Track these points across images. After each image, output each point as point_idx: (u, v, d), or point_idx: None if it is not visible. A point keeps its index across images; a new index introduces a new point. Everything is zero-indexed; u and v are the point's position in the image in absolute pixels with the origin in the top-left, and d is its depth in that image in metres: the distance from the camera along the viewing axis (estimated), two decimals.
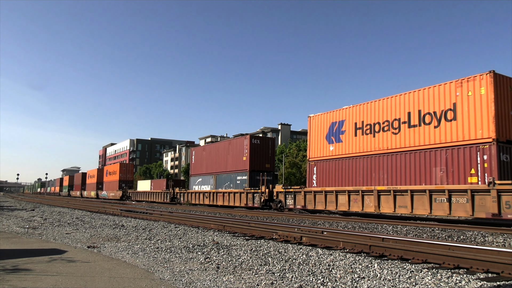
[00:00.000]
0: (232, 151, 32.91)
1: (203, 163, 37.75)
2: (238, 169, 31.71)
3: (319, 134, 23.86)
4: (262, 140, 32.07)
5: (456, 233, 12.22)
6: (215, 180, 34.96)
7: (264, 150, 31.75)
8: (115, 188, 60.45)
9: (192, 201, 37.40)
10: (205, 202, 34.78)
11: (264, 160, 31.60)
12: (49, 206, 33.22)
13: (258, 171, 30.63)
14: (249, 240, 10.38)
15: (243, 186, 30.34)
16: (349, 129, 21.93)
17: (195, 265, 7.21)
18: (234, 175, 32.12)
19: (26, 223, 16.41)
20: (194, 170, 39.50)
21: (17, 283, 5.63)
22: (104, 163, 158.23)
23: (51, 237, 11.48)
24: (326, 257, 7.70)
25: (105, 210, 23.84)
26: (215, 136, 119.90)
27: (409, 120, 18.91)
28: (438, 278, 5.82)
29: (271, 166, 32.02)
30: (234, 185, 31.95)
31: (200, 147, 40.72)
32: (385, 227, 14.20)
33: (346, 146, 21.89)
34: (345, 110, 22.40)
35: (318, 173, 23.27)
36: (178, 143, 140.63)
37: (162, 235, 11.61)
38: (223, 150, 34.37)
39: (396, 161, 19.07)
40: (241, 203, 29.43)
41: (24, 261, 7.38)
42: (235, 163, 32.20)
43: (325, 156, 23.09)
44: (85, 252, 8.67)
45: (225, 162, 33.72)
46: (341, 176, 21.80)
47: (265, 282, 5.77)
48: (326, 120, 23.46)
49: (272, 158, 32.51)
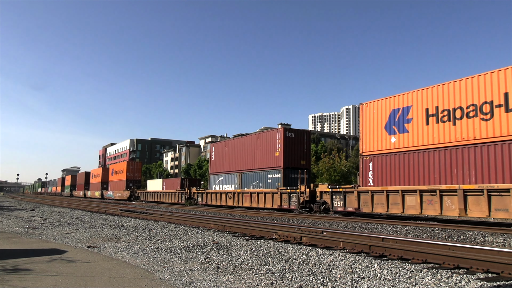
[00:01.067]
0: (261, 146, 29.16)
1: (225, 160, 33.93)
2: (269, 166, 28.13)
3: (375, 124, 20.33)
4: (297, 133, 28.18)
5: (456, 233, 12.21)
6: (240, 178, 31.21)
7: (299, 145, 27.98)
8: (121, 188, 57.33)
9: (211, 202, 34.18)
10: (228, 203, 31.47)
11: (299, 155, 27.85)
12: (49, 206, 33.21)
13: (292, 168, 27.06)
14: (249, 240, 10.38)
15: (276, 185, 26.86)
16: (418, 116, 18.29)
17: (195, 265, 7.20)
18: (264, 173, 28.45)
19: (26, 223, 16.40)
20: (214, 168, 35.68)
21: (17, 283, 5.63)
22: (104, 163, 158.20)
23: (51, 237, 11.48)
24: (326, 257, 7.70)
25: (105, 210, 23.83)
26: (215, 136, 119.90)
27: (506, 103, 15.42)
28: (438, 278, 5.82)
29: (307, 163, 28.17)
30: (264, 184, 28.26)
31: (221, 142, 36.40)
32: (385, 227, 14.20)
33: (414, 137, 18.32)
34: (411, 94, 18.82)
35: (376, 170, 19.81)
36: (178, 143, 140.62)
37: (162, 235, 11.61)
38: (250, 145, 30.55)
39: (488, 154, 15.68)
40: (274, 204, 26.17)
41: (24, 261, 7.37)
42: (265, 160, 28.59)
43: (384, 149, 19.62)
44: (85, 252, 8.67)
45: (252, 159, 30.03)
46: (407, 173, 18.31)
47: (265, 282, 5.77)
48: (385, 107, 19.89)
49: (308, 153, 28.57)
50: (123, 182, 57.16)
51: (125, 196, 54.57)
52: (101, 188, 66.16)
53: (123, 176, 57.60)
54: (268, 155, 28.25)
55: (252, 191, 28.95)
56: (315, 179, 58.49)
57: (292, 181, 26.52)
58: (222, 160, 34.48)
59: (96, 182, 69.99)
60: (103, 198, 63.87)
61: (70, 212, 23.34)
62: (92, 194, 70.82)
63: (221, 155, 34.83)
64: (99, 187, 67.30)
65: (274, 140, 27.91)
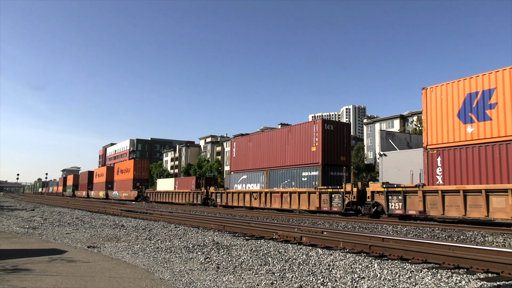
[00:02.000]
0: (293, 140, 25.96)
1: (248, 157, 30.55)
2: (303, 162, 24.94)
3: (444, 112, 17.23)
4: (336, 126, 25.01)
5: (456, 233, 12.21)
6: (267, 177, 27.95)
7: (339, 138, 24.89)
8: (128, 188, 53.69)
9: (232, 202, 30.75)
10: (253, 205, 28.06)
11: (339, 151, 24.70)
12: (49, 206, 33.21)
13: (332, 165, 24.09)
14: (249, 240, 10.38)
15: (313, 184, 23.85)
16: (506, 100, 15.20)
17: (195, 265, 7.20)
18: (298, 171, 25.28)
19: (26, 223, 16.40)
20: (236, 166, 32.21)
21: (17, 283, 5.63)
22: (104, 163, 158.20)
23: (51, 237, 11.48)
24: (326, 257, 7.70)
25: (105, 210, 23.83)
26: (215, 136, 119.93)
27: None
28: (438, 278, 5.82)
29: (347, 159, 25.04)
30: (297, 183, 25.17)
31: (244, 137, 32.93)
32: (385, 227, 14.20)
33: (501, 125, 15.28)
34: (495, 75, 15.78)
35: (446, 166, 16.76)
36: (178, 143, 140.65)
37: (162, 235, 11.61)
38: (280, 140, 27.32)
39: None
40: (310, 205, 23.05)
41: (24, 261, 7.37)
42: (299, 156, 25.40)
43: (457, 141, 16.58)
44: (85, 252, 8.67)
45: (282, 155, 26.82)
46: (492, 168, 15.25)
47: (265, 282, 5.77)
48: (458, 91, 16.84)
49: (348, 148, 25.41)
50: (130, 181, 53.78)
51: (132, 196, 51.36)
52: (106, 188, 62.97)
53: (130, 175, 54.13)
54: (303, 151, 25.10)
55: (283, 190, 25.58)
56: None
57: (332, 179, 23.84)
58: (245, 156, 31.08)
59: (100, 181, 66.81)
60: (108, 198, 60.81)
61: (70, 212, 23.34)
62: (96, 194, 67.79)
63: (243, 151, 31.35)
64: (103, 187, 64.03)
65: (310, 134, 24.74)
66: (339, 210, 21.29)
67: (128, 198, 52.33)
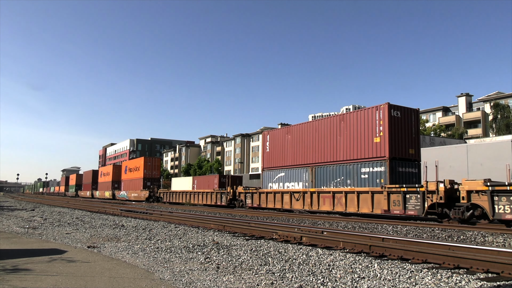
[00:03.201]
0: (348, 130, 22.18)
1: (287, 151, 26.68)
2: (363, 156, 21.10)
3: None
4: (403, 112, 20.83)
5: (456, 233, 12.22)
6: (312, 174, 24.02)
7: (407, 127, 20.94)
8: (138, 188, 49.51)
9: (266, 204, 26.66)
10: (295, 207, 24.16)
11: (408, 142, 20.78)
12: (49, 206, 33.22)
13: (400, 159, 20.25)
14: (249, 240, 10.38)
15: (376, 183, 20.02)
16: None
17: (195, 265, 7.21)
18: (355, 167, 21.44)
19: (26, 223, 16.40)
20: (270, 162, 28.11)
21: (17, 283, 5.63)
22: (104, 163, 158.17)
23: (51, 237, 11.48)
24: (326, 257, 7.70)
25: (105, 210, 23.84)
26: (215, 136, 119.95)
27: None
28: (438, 278, 5.82)
29: (416, 153, 20.90)
30: (354, 181, 21.28)
31: (280, 129, 28.55)
32: (385, 227, 14.20)
33: None
34: None
35: None
36: (178, 143, 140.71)
37: (162, 235, 11.61)
38: (328, 130, 23.52)
39: None
40: (375, 208, 19.24)
41: (24, 261, 7.37)
42: (356, 149, 21.55)
43: None
44: (85, 252, 8.67)
45: (333, 148, 22.97)
46: None
47: (265, 282, 5.77)
48: None
49: (417, 140, 21.29)
50: (140, 180, 49.46)
51: (143, 196, 47.16)
52: (112, 187, 59.00)
53: (140, 174, 49.86)
54: (362, 142, 21.24)
55: (335, 190, 21.74)
56: None
57: (401, 176, 20.07)
58: (282, 151, 27.10)
59: (105, 181, 62.80)
60: (115, 199, 56.88)
61: (70, 212, 23.34)
62: (102, 194, 63.52)
63: (280, 145, 27.39)
64: (109, 187, 60.00)
65: (371, 122, 20.89)
66: (417, 213, 17.29)
67: (138, 199, 48.46)
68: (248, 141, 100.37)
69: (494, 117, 58.10)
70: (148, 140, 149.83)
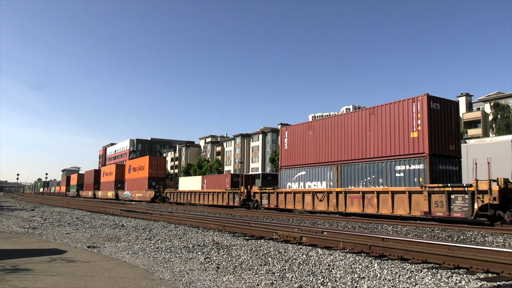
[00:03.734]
0: (379, 125, 20.32)
1: (307, 148, 24.73)
2: (397, 153, 19.19)
3: None
4: (442, 104, 18.95)
5: (456, 233, 12.22)
6: (338, 173, 22.21)
7: (447, 121, 19.05)
8: (143, 188, 47.99)
9: (285, 205, 24.83)
10: (318, 208, 22.46)
11: (447, 137, 18.90)
12: (49, 206, 33.22)
13: (440, 156, 18.36)
14: (249, 240, 10.38)
15: (413, 182, 18.13)
16: None
17: (195, 265, 7.20)
18: (388, 164, 19.52)
19: (26, 223, 16.40)
20: (289, 160, 26.18)
21: (17, 283, 5.63)
22: (104, 163, 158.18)
23: (51, 237, 11.48)
24: (326, 257, 7.70)
25: (105, 210, 23.84)
26: (215, 136, 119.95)
27: None
28: (438, 278, 5.82)
29: (456, 149, 19.19)
30: (387, 180, 19.38)
31: (301, 124, 26.10)
32: (385, 227, 14.20)
33: None
34: None
35: None
36: (178, 143, 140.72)
37: (162, 235, 11.61)
38: (356, 125, 21.66)
39: None
40: (413, 210, 17.48)
41: (24, 261, 7.37)
42: (389, 145, 19.63)
43: None
44: (85, 252, 8.67)
45: (361, 144, 21.14)
46: None
47: (265, 282, 5.77)
48: None
49: (456, 135, 19.45)
50: (145, 180, 47.78)
51: (148, 197, 45.47)
52: (115, 187, 57.46)
53: (145, 173, 48.20)
54: (396, 138, 19.42)
55: (365, 190, 19.95)
56: None
57: (441, 175, 18.18)
58: (302, 148, 25.16)
59: (108, 180, 61.06)
60: (118, 199, 55.21)
61: (70, 212, 23.34)
62: (104, 194, 61.72)
63: (300, 142, 25.49)
64: (112, 187, 58.35)
65: (406, 115, 19.03)
66: (465, 216, 15.62)
67: (143, 199, 46.82)
68: (248, 141, 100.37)
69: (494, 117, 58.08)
70: (148, 140, 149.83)
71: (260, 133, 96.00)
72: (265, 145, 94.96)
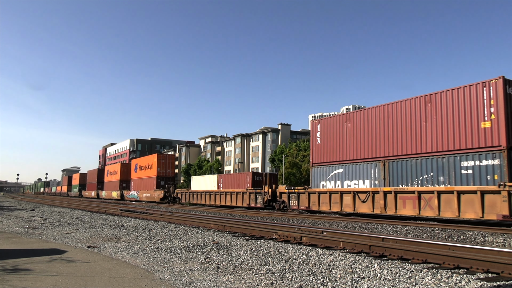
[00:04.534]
0: (439, 113, 17.72)
1: (345, 143, 22.25)
2: (464, 147, 16.71)
3: None
4: None
5: (456, 233, 12.22)
6: (384, 170, 19.64)
7: None
8: (150, 187, 45.77)
9: (319, 206, 22.33)
10: (360, 210, 20.01)
11: None
12: (49, 206, 33.22)
13: None
14: (249, 240, 10.38)
15: (486, 180, 15.66)
16: None
17: (195, 265, 7.20)
18: (451, 160, 16.98)
19: (26, 223, 16.40)
20: (323, 156, 23.58)
21: (17, 283, 5.63)
22: (104, 163, 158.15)
23: (51, 237, 11.48)
24: (326, 257, 7.70)
25: (105, 210, 23.85)
26: (215, 136, 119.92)
27: None
28: (438, 278, 5.82)
29: None
30: (450, 178, 16.88)
31: (336, 116, 23.64)
32: (385, 227, 14.20)
33: None
34: None
35: None
36: (178, 143, 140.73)
37: (162, 235, 11.61)
38: (409, 115, 19.00)
39: None
40: (486, 212, 15.14)
41: (24, 261, 7.37)
42: (453, 136, 17.15)
43: None
44: (85, 252, 8.67)
45: (415, 137, 18.56)
46: None
47: (265, 282, 5.77)
48: None
49: None
50: (153, 179, 45.47)
51: (157, 197, 43.08)
52: (120, 187, 55.30)
53: (153, 172, 46.05)
54: (462, 129, 16.95)
55: (423, 189, 17.28)
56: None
57: None
58: (339, 142, 22.69)
59: (112, 180, 58.86)
60: (123, 199, 52.84)
61: (70, 212, 23.34)
62: (108, 194, 59.29)
63: (336, 136, 22.97)
64: (117, 186, 56.12)
65: (476, 102, 16.58)
66: None
67: (151, 199, 44.32)
68: (248, 141, 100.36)
69: None
70: (148, 140, 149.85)
71: (260, 133, 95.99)
72: (265, 145, 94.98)
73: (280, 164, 68.50)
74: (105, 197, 60.81)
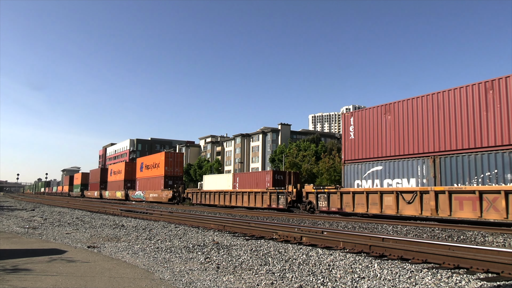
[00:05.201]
0: (504, 101, 15.49)
1: (384, 137, 20.05)
2: None
3: None
4: None
5: (456, 233, 12.22)
6: (435, 167, 17.39)
7: None
8: (158, 187, 43.79)
9: (353, 208, 20.05)
10: (404, 212, 17.76)
11: None
12: (49, 206, 33.22)
13: None
14: (249, 240, 10.38)
15: None
16: None
17: (195, 265, 7.21)
18: None
19: (26, 223, 16.40)
20: (357, 152, 21.42)
21: (17, 283, 5.63)
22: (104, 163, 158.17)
23: (51, 237, 11.48)
24: (326, 257, 7.70)
25: (105, 210, 23.85)
26: (215, 136, 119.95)
27: None
28: (438, 278, 5.82)
29: None
30: None
31: (374, 108, 21.16)
32: (385, 227, 14.20)
33: None
34: None
35: None
36: (178, 143, 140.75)
37: (162, 235, 11.61)
38: (465, 104, 16.77)
39: None
40: None
41: (24, 261, 7.37)
42: None
43: None
44: (85, 252, 8.67)
45: (473, 129, 16.32)
46: None
47: (265, 282, 5.77)
48: None
49: None
50: (160, 179, 43.52)
51: (165, 197, 41.19)
52: (125, 187, 53.43)
53: (160, 172, 44.05)
54: None
55: (485, 189, 14.93)
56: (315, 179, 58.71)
57: None
58: (377, 137, 20.39)
59: (116, 180, 57.05)
60: (128, 199, 50.97)
61: (70, 212, 23.34)
62: (112, 194, 57.41)
63: (373, 129, 20.70)
64: (121, 186, 54.19)
65: None
66: None
67: (159, 200, 42.40)
68: (248, 141, 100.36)
69: None
70: (148, 140, 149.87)
71: (260, 133, 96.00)
72: (265, 145, 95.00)
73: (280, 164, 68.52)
74: (108, 197, 59.14)
